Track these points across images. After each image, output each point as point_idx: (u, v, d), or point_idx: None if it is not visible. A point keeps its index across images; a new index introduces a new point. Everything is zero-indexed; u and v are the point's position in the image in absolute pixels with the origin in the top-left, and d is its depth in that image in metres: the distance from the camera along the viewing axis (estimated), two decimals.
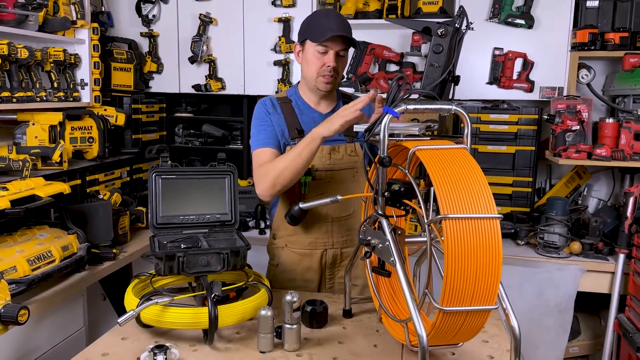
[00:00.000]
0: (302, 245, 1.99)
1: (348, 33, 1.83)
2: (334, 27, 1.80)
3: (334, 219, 1.97)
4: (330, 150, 1.93)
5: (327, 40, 1.81)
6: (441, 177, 1.27)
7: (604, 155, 2.66)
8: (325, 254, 2.00)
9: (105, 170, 2.93)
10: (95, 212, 2.44)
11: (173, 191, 1.84)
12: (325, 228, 1.97)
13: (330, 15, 1.90)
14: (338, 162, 1.94)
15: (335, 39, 1.81)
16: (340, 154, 1.94)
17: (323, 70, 1.85)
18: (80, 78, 2.91)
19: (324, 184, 1.93)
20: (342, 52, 1.86)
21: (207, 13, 3.28)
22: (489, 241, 1.23)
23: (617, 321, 2.58)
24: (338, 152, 1.94)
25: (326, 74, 1.86)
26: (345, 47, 1.85)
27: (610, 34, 2.86)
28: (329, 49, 1.83)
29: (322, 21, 1.84)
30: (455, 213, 1.22)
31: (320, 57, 1.84)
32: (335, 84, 1.90)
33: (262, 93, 3.36)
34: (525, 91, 3.03)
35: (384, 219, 1.42)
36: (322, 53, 1.84)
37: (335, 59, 1.84)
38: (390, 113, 1.39)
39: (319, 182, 1.93)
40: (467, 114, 1.46)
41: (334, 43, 1.82)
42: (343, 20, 1.86)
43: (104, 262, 2.36)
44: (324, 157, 1.93)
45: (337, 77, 1.89)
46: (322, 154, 1.92)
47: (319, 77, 1.87)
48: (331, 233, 1.98)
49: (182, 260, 1.59)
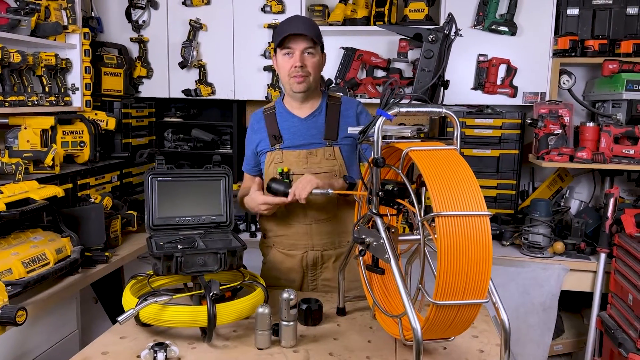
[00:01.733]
0: (285, 246, 2.05)
1: (308, 31, 1.86)
2: (293, 28, 1.86)
3: (312, 221, 1.99)
4: (307, 154, 1.95)
5: (289, 40, 1.86)
6: (434, 176, 1.32)
7: (585, 158, 2.75)
8: (306, 256, 2.04)
9: (96, 174, 2.94)
10: (88, 216, 2.45)
11: (169, 193, 1.87)
12: (304, 230, 2.01)
13: (291, 19, 1.95)
14: (316, 166, 1.95)
15: (297, 39, 1.86)
16: (318, 157, 1.95)
17: (292, 71, 1.89)
18: (71, 83, 2.92)
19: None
20: (309, 49, 1.88)
21: (197, 19, 3.31)
22: (480, 237, 1.28)
23: (599, 318, 2.66)
24: (315, 156, 1.95)
25: (295, 75, 1.89)
26: (310, 45, 1.88)
27: (590, 41, 2.96)
28: (293, 50, 1.87)
29: (284, 26, 1.91)
30: (447, 211, 1.27)
31: (287, 59, 1.89)
32: (309, 83, 1.92)
33: (251, 98, 3.41)
34: (508, 96, 3.12)
35: (378, 218, 1.47)
36: (287, 55, 1.89)
37: (301, 57, 1.87)
38: (384, 115, 1.45)
39: None
40: (456, 117, 1.53)
41: (297, 42, 1.87)
42: (305, 20, 1.93)
43: (96, 265, 2.37)
44: (301, 161, 1.95)
45: (309, 76, 1.91)
46: (299, 158, 1.95)
47: (291, 79, 1.91)
48: (310, 235, 2.01)
49: (180, 260, 1.63)
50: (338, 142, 1.99)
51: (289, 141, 1.97)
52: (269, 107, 2.06)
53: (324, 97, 2.05)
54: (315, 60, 1.91)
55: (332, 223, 2.02)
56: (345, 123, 1.98)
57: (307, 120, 2.00)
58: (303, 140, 1.96)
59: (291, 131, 1.97)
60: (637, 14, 2.98)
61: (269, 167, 1.99)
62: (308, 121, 2.00)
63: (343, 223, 2.03)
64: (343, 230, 2.04)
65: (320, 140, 1.97)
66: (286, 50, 1.88)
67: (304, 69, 1.88)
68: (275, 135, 1.98)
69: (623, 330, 2.40)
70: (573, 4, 3.03)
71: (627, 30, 3.00)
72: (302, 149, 1.95)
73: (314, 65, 1.91)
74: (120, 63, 3.30)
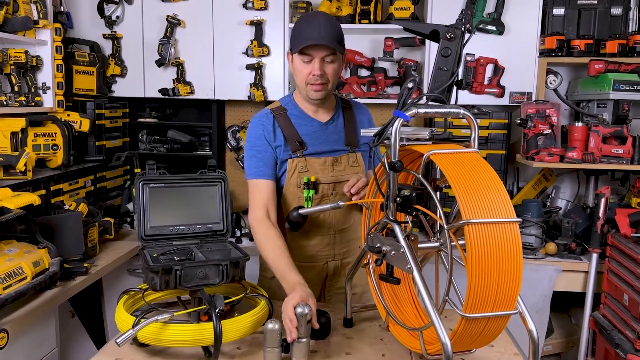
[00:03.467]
0: (302, 258, 1.89)
1: (330, 39, 1.72)
2: (314, 35, 1.70)
3: (336, 230, 1.90)
4: (333, 161, 1.85)
5: (308, 48, 1.72)
6: (460, 182, 1.25)
7: (576, 158, 2.75)
8: (327, 266, 1.93)
9: (70, 179, 2.77)
10: (64, 224, 2.29)
11: (162, 200, 1.75)
12: (327, 240, 1.90)
13: (312, 22, 1.74)
14: (341, 174, 1.86)
15: (317, 46, 1.72)
16: (343, 164, 1.86)
17: (310, 79, 1.76)
18: (42, 82, 2.73)
19: (327, 196, 1.86)
20: (328, 57, 1.74)
21: (175, 15, 3.16)
22: (510, 245, 1.22)
23: (592, 319, 2.65)
24: (340, 163, 1.86)
25: (314, 83, 1.76)
26: (330, 52, 1.74)
27: (576, 41, 2.96)
28: (312, 57, 1.73)
29: (303, 29, 1.75)
30: (477, 218, 1.20)
31: (305, 65, 1.75)
32: (327, 91, 1.80)
33: (233, 98, 3.29)
34: (496, 96, 3.09)
35: (396, 225, 1.39)
36: (306, 62, 1.75)
37: (321, 65, 1.73)
38: (402, 117, 1.36)
39: (323, 196, 1.85)
40: (474, 119, 1.46)
41: (317, 50, 1.72)
42: (327, 25, 1.74)
43: (75, 277, 2.22)
44: (327, 169, 1.85)
45: (327, 84, 1.78)
46: (324, 166, 1.84)
47: (307, 86, 1.78)
48: (333, 245, 1.91)
49: (179, 273, 1.51)
50: (359, 148, 1.90)
51: (312, 147, 1.83)
52: (278, 108, 1.88)
53: (338, 102, 1.95)
54: (335, 66, 1.77)
55: (352, 230, 1.94)
56: (361, 128, 1.87)
57: (328, 125, 1.88)
58: (326, 146, 1.84)
59: (313, 137, 1.83)
60: (621, 14, 2.99)
61: (292, 176, 1.83)
62: (329, 126, 1.88)
63: (359, 229, 1.95)
64: (357, 236, 1.96)
65: (342, 147, 1.87)
66: (306, 56, 1.74)
67: (323, 77, 1.75)
68: (298, 141, 1.82)
69: (619, 330, 2.39)
70: (559, 4, 3.03)
71: (611, 30, 3.01)
72: (327, 155, 1.84)
73: (334, 72, 1.78)
74: (93, 61, 3.12)
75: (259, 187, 1.81)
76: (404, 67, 3.25)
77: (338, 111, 1.92)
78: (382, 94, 3.29)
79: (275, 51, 3.17)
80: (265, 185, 1.81)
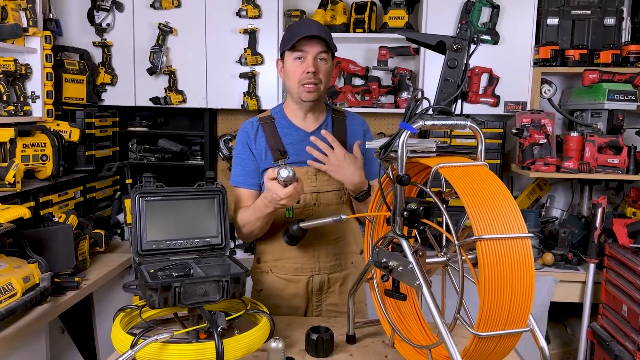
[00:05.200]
0: (287, 270, 1.87)
1: (323, 33, 1.71)
2: (306, 30, 1.70)
3: (321, 243, 1.86)
4: (316, 171, 1.82)
5: (302, 44, 1.70)
6: (471, 196, 1.22)
7: (572, 168, 2.74)
8: (312, 280, 1.88)
9: (60, 190, 2.70)
10: (54, 238, 2.23)
11: (158, 214, 1.69)
12: (311, 253, 1.86)
13: (303, 23, 1.81)
14: (325, 184, 1.83)
15: (310, 42, 1.71)
16: (327, 175, 1.81)
17: (304, 78, 1.73)
18: (31, 90, 2.66)
19: (309, 207, 1.83)
20: (322, 55, 1.73)
21: (167, 22, 3.11)
22: (522, 261, 1.20)
23: (590, 330, 2.64)
24: (324, 173, 1.81)
25: (308, 82, 1.73)
26: (323, 49, 1.72)
27: (571, 51, 2.97)
28: (306, 53, 1.72)
29: (296, 29, 1.75)
30: (489, 234, 1.18)
31: (299, 64, 1.73)
32: (319, 92, 1.77)
33: (226, 107, 3.24)
34: (491, 105, 3.09)
35: (404, 240, 1.35)
36: (299, 59, 1.73)
37: (314, 63, 1.72)
38: (409, 129, 1.34)
39: (305, 206, 1.83)
40: (480, 130, 1.44)
41: (310, 46, 1.71)
42: (318, 25, 1.77)
43: (66, 292, 2.16)
44: (310, 178, 1.82)
45: (320, 84, 1.75)
46: (307, 176, 1.81)
47: (300, 87, 1.75)
48: (317, 258, 1.87)
49: (178, 290, 1.45)
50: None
51: (294, 156, 1.81)
52: (266, 117, 1.87)
53: (329, 110, 1.91)
54: (327, 67, 1.76)
55: (340, 244, 1.89)
56: (352, 138, 1.85)
57: (314, 134, 1.83)
58: (310, 156, 1.79)
59: (297, 146, 1.81)
60: (614, 24, 3.01)
61: None
62: (315, 135, 1.83)
63: (348, 243, 1.91)
64: (348, 251, 1.92)
65: None
66: (298, 53, 1.72)
67: (316, 76, 1.73)
68: (279, 150, 1.81)
69: (618, 342, 2.38)
70: (553, 14, 3.04)
71: (605, 40, 3.03)
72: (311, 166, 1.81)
73: (326, 72, 1.76)
74: (83, 69, 3.05)
75: (241, 194, 1.87)
76: (398, 76, 3.23)
77: (327, 120, 1.88)
78: (376, 103, 3.27)
79: (268, 60, 3.14)
80: (245, 193, 1.86)
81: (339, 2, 3.20)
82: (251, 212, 1.77)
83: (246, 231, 1.81)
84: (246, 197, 1.85)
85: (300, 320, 1.80)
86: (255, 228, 1.79)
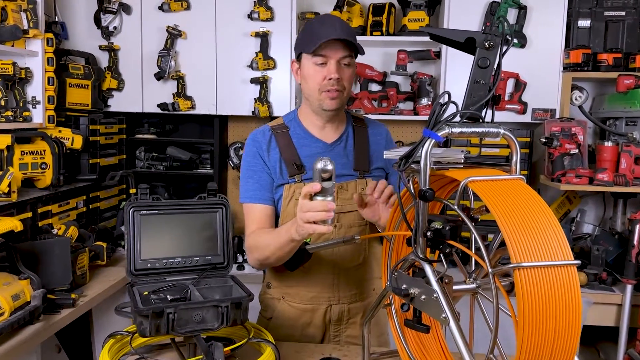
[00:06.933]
0: (302, 299, 1.67)
1: (349, 35, 1.52)
2: (331, 32, 1.50)
3: (341, 269, 1.66)
4: (337, 188, 1.60)
5: (323, 47, 1.51)
6: (506, 215, 1.04)
7: (607, 181, 2.54)
8: (330, 310, 1.68)
9: (60, 200, 2.57)
10: (51, 251, 2.09)
11: (155, 229, 1.55)
12: (330, 280, 1.65)
13: (325, 21, 1.58)
14: (347, 204, 1.62)
15: (334, 45, 1.51)
16: (350, 192, 1.62)
17: (325, 84, 1.54)
18: (31, 95, 2.54)
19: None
20: (345, 60, 1.54)
21: (176, 25, 2.99)
22: (568, 292, 1.01)
23: (627, 356, 2.43)
24: (347, 190, 1.62)
25: (330, 89, 1.54)
26: (347, 54, 1.54)
27: (604, 55, 2.78)
28: (328, 58, 1.52)
29: (317, 28, 1.55)
30: (529, 261, 1.00)
31: (319, 69, 1.54)
32: (342, 100, 1.59)
33: (236, 113, 3.10)
34: (517, 113, 2.90)
35: (427, 265, 1.18)
36: (320, 64, 1.54)
37: (337, 69, 1.53)
38: (433, 137, 1.17)
39: None
40: (515, 139, 1.26)
41: (333, 50, 1.52)
42: (342, 23, 1.56)
43: (61, 310, 2.01)
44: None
45: (343, 92, 1.57)
46: None
47: (322, 94, 1.56)
48: (337, 286, 1.66)
49: (172, 317, 1.30)
50: (370, 173, 1.67)
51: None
52: (279, 125, 1.68)
53: (349, 119, 1.73)
54: (351, 72, 1.57)
55: (362, 269, 1.70)
56: (376, 151, 1.68)
57: (334, 146, 1.66)
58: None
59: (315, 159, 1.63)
60: None
61: (288, 205, 1.61)
62: (335, 147, 1.66)
63: (371, 268, 1.72)
64: (371, 276, 1.72)
65: (350, 171, 1.64)
66: (320, 58, 1.53)
67: (340, 83, 1.54)
68: (296, 164, 1.61)
69: None
70: (584, 16, 2.85)
71: None
72: None
73: (350, 77, 1.57)
74: (88, 74, 2.94)
75: (254, 212, 1.63)
76: (417, 82, 3.06)
77: (347, 130, 1.70)
78: (394, 110, 3.10)
79: (281, 64, 2.99)
80: (261, 210, 1.63)
81: (355, 3, 3.05)
82: (271, 239, 1.53)
83: (260, 257, 1.58)
84: (262, 215, 1.63)
85: (310, 348, 1.62)
86: (272, 257, 1.55)
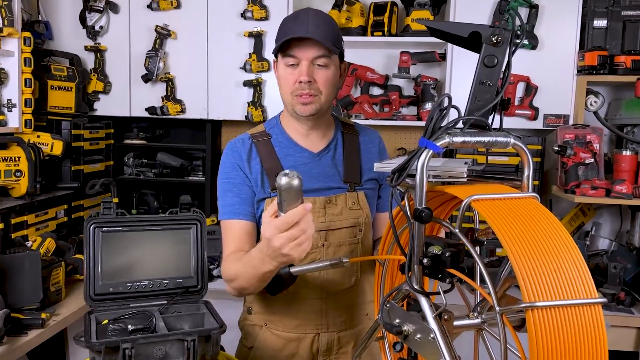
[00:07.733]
0: (287, 327, 1.48)
1: (320, 35, 1.34)
2: (300, 30, 1.33)
3: (330, 293, 1.47)
4: (325, 203, 1.44)
5: (293, 47, 1.34)
6: (518, 244, 0.87)
7: (625, 193, 2.35)
8: (318, 339, 1.49)
9: (37, 210, 2.41)
10: (20, 267, 1.94)
11: (119, 249, 1.38)
12: (318, 306, 1.47)
13: (300, 16, 1.39)
14: (336, 219, 1.44)
15: (306, 44, 1.34)
16: (339, 207, 1.45)
17: (297, 87, 1.37)
18: (6, 98, 2.39)
19: (316, 248, 1.44)
20: (320, 60, 1.36)
21: (165, 25, 2.84)
22: (591, 336, 0.83)
23: None
24: (336, 204, 1.45)
25: (301, 93, 1.37)
26: (322, 53, 1.36)
27: (621, 57, 2.58)
28: (299, 59, 1.36)
29: (289, 25, 1.37)
30: (545, 300, 0.82)
31: (291, 71, 1.37)
32: (319, 105, 1.40)
33: (228, 118, 2.94)
34: (528, 119, 2.71)
35: (423, 298, 1.00)
36: (291, 66, 1.37)
37: (309, 70, 1.35)
38: (431, 147, 0.98)
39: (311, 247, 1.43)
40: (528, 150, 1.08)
41: (304, 50, 1.34)
42: (315, 19, 1.37)
43: (28, 330, 1.85)
44: (317, 212, 1.42)
45: (320, 96, 1.39)
46: (314, 209, 1.39)
47: (294, 98, 1.39)
48: (326, 312, 1.48)
49: (129, 353, 1.12)
50: (362, 185, 1.49)
51: None
52: (260, 133, 1.50)
53: (338, 125, 1.55)
54: (328, 73, 1.38)
55: (353, 293, 1.51)
56: (368, 160, 1.50)
57: (321, 155, 1.48)
58: (318, 183, 1.43)
59: (301, 171, 1.40)
60: None
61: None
62: (322, 157, 1.48)
63: (364, 291, 1.53)
64: (363, 300, 1.53)
65: (339, 184, 1.47)
66: (291, 59, 1.36)
67: (313, 86, 1.37)
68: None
69: None
70: (600, 15, 2.65)
71: None
72: (318, 194, 1.43)
73: (327, 80, 1.39)
74: (72, 75, 2.78)
75: (233, 230, 1.43)
76: (421, 85, 2.88)
77: (336, 138, 1.52)
78: (397, 115, 2.92)
79: None
80: (240, 228, 1.43)
81: (355, 2, 2.88)
82: (243, 266, 1.30)
83: (236, 286, 1.36)
84: (242, 232, 1.43)
85: None
86: (248, 286, 1.33)
